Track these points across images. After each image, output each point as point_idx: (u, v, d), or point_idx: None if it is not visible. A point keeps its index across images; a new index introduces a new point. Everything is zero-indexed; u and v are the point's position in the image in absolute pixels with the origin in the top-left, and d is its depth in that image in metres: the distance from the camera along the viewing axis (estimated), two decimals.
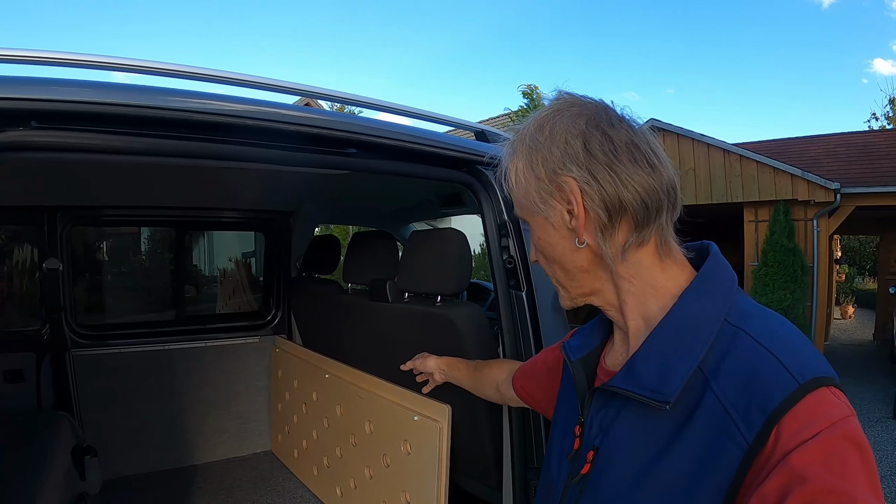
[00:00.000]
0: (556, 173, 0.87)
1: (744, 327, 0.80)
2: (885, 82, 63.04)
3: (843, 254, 20.20)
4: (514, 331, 1.86)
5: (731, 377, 0.77)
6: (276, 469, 3.51)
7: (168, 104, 1.28)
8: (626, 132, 0.86)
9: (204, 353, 3.62)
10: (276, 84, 1.54)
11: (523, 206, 0.95)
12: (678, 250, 0.92)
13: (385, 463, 2.32)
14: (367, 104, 1.78)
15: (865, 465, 0.68)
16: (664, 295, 0.89)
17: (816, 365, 0.76)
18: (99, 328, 3.46)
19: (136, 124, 1.28)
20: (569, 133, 0.86)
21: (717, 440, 0.75)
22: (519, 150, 0.92)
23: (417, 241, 2.23)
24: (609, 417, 0.91)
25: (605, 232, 0.86)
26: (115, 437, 3.25)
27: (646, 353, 0.85)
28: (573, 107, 0.90)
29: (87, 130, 1.24)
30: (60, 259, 3.14)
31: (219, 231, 4.39)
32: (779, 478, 0.68)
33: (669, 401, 0.79)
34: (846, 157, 11.49)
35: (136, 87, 1.29)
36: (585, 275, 0.93)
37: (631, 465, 0.84)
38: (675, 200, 0.89)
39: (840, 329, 15.10)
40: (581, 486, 0.92)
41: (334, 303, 2.92)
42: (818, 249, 9.87)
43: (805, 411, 0.70)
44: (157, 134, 1.31)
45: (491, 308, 3.61)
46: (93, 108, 1.20)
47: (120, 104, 1.22)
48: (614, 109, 0.90)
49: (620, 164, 0.84)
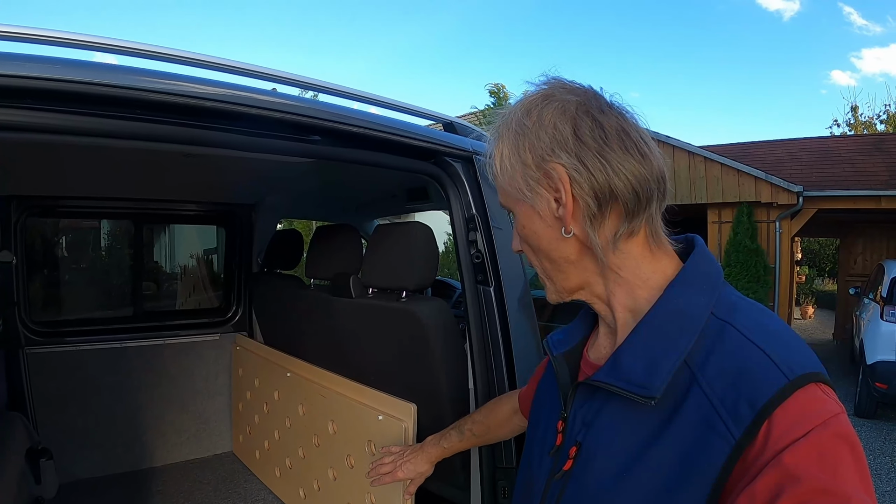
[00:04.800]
0: (544, 160, 0.84)
1: (731, 321, 0.79)
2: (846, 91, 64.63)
3: (804, 256, 20.60)
4: (481, 327, 1.82)
5: (718, 372, 0.76)
6: (237, 471, 3.46)
7: (119, 82, 1.21)
8: (617, 119, 0.84)
9: (163, 351, 3.55)
10: (240, 67, 1.47)
11: (508, 193, 0.92)
12: (667, 241, 0.91)
13: (349, 464, 2.28)
14: (336, 91, 1.72)
15: (858, 463, 0.68)
16: (651, 286, 0.87)
17: (805, 360, 0.75)
18: (54, 325, 3.36)
19: (84, 103, 1.21)
20: (558, 118, 0.84)
21: (704, 435, 0.74)
22: (505, 135, 0.89)
23: (382, 235, 2.18)
24: (592, 412, 0.89)
25: (595, 221, 0.84)
26: (71, 438, 3.17)
27: (631, 347, 0.84)
28: (563, 92, 0.87)
29: (31, 108, 1.16)
30: (14, 252, 3.03)
31: (179, 225, 4.30)
32: (770, 477, 0.67)
33: (655, 396, 0.77)
34: (808, 161, 11.74)
35: (84, 63, 1.21)
36: (573, 266, 0.90)
37: (615, 460, 0.83)
38: (665, 190, 0.87)
39: (800, 328, 15.34)
40: (563, 482, 0.91)
41: (296, 298, 2.87)
42: (780, 251, 10.08)
43: (796, 408, 0.70)
44: (105, 114, 1.24)
45: (456, 306, 3.59)
46: (38, 84, 1.13)
47: (66, 80, 1.15)
48: (604, 96, 0.88)
49: (611, 151, 0.82)
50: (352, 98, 1.74)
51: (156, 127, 1.31)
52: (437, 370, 2.02)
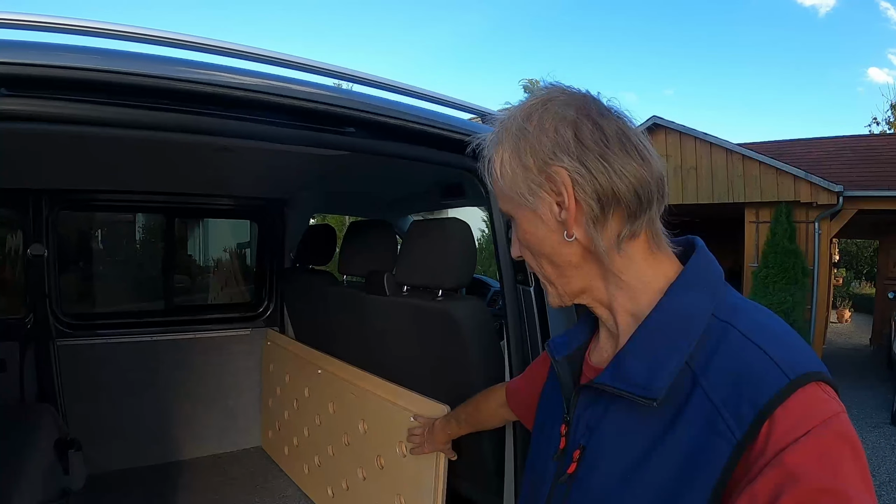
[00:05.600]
0: (546, 163, 0.84)
1: (732, 322, 0.80)
2: (885, 88, 63.24)
3: (841, 257, 20.19)
4: (520, 328, 1.77)
5: (720, 373, 0.76)
6: (265, 466, 3.46)
7: (149, 71, 1.17)
8: (616, 122, 0.85)
9: (193, 345, 3.55)
10: (275, 57, 1.42)
11: (508, 198, 0.92)
12: (667, 244, 0.91)
13: (379, 464, 2.24)
14: (370, 82, 1.66)
15: (858, 462, 0.69)
16: (652, 290, 0.88)
17: (806, 360, 0.75)
18: (85, 318, 3.39)
19: (115, 93, 1.17)
20: (559, 122, 0.84)
21: (706, 436, 0.74)
22: (505, 140, 0.89)
23: (418, 232, 2.13)
24: (596, 415, 0.90)
25: (597, 224, 0.84)
26: (100, 430, 3.17)
27: (633, 349, 0.85)
28: (562, 96, 0.88)
29: (63, 99, 1.13)
30: (46, 245, 3.06)
31: (211, 219, 4.31)
32: (772, 476, 0.67)
33: (657, 398, 0.78)
34: (848, 161, 11.46)
35: (116, 53, 1.18)
36: (575, 270, 0.91)
37: (619, 463, 0.84)
38: (664, 192, 0.88)
39: (837, 333, 15.07)
40: (568, 485, 0.92)
41: (328, 295, 2.83)
42: (819, 252, 9.83)
43: (797, 407, 0.70)
44: (137, 104, 1.20)
45: (491, 304, 3.53)
46: (69, 74, 1.09)
47: (99, 70, 1.12)
48: (601, 100, 0.89)
49: (612, 153, 0.82)
50: (386, 88, 1.68)
51: (185, 118, 1.27)
52: (473, 371, 1.98)
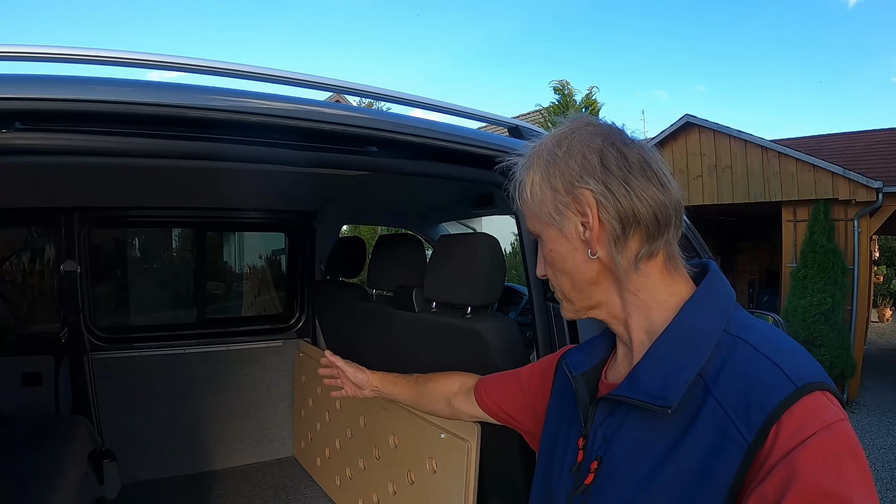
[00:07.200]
0: (574, 185, 0.91)
1: (743, 336, 0.85)
2: None
3: (881, 254, 19.70)
4: (550, 346, 1.75)
5: (730, 382, 0.81)
6: (297, 476, 3.47)
7: (163, 101, 1.16)
8: (638, 151, 0.92)
9: (225, 357, 3.58)
10: (298, 79, 1.41)
11: (537, 217, 0.99)
12: (683, 266, 0.97)
13: (410, 479, 2.23)
14: (396, 99, 1.64)
15: (860, 467, 0.72)
16: (667, 308, 0.93)
17: (813, 371, 0.80)
18: (118, 331, 3.44)
19: (132, 123, 1.16)
20: (586, 149, 0.91)
21: (719, 443, 0.78)
22: (536, 164, 0.97)
23: (446, 247, 2.10)
24: (613, 428, 0.94)
25: (618, 243, 0.91)
26: (133, 441, 3.22)
27: (648, 364, 0.90)
28: (589, 126, 0.95)
29: (79, 131, 1.12)
30: (78, 261, 3.11)
31: (240, 232, 4.35)
32: (778, 477, 0.71)
33: (671, 405, 0.83)
34: (887, 155, 11.13)
35: (131, 83, 1.16)
36: (593, 287, 0.97)
37: (635, 472, 0.87)
38: (681, 218, 0.94)
39: (877, 332, 14.67)
40: (585, 497, 0.95)
41: (357, 309, 2.81)
42: (859, 250, 9.58)
43: (802, 412, 0.74)
44: (155, 134, 1.19)
45: (523, 313, 3.49)
46: (84, 107, 1.09)
47: (114, 101, 1.11)
48: (625, 131, 0.96)
49: (634, 179, 0.89)
50: (407, 104, 1.66)
51: (201, 145, 1.26)
52: None
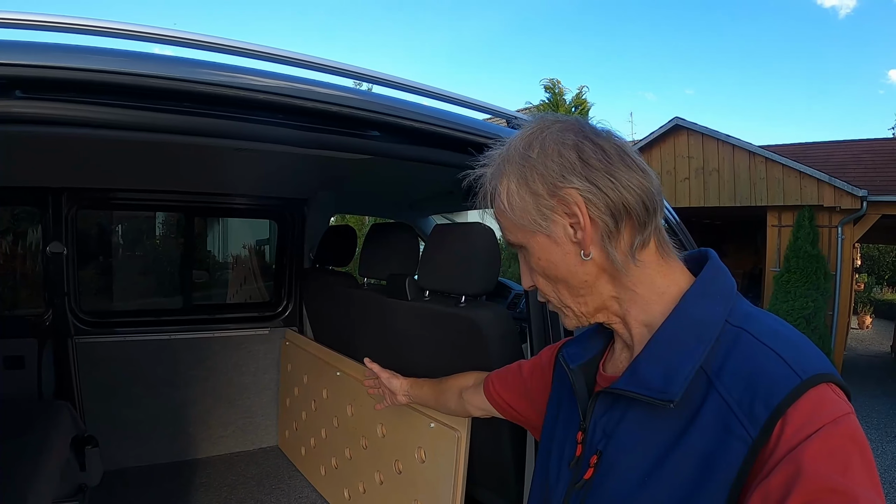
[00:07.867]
0: (557, 186, 0.86)
1: (745, 327, 0.82)
2: None
3: (863, 262, 19.93)
4: (544, 336, 1.74)
5: (734, 375, 0.78)
6: (281, 466, 3.45)
7: (167, 73, 1.15)
8: (611, 141, 0.88)
9: (211, 344, 3.55)
10: (295, 58, 1.38)
11: (520, 226, 0.93)
12: (675, 253, 0.94)
13: (397, 469, 2.23)
14: (392, 83, 1.62)
15: (866, 463, 0.70)
16: (666, 299, 0.90)
17: (818, 362, 0.77)
18: (103, 315, 3.39)
19: (134, 96, 1.15)
20: (561, 146, 0.87)
21: (722, 437, 0.76)
22: (508, 170, 0.91)
23: (441, 236, 2.10)
24: (613, 421, 0.92)
25: (612, 238, 0.87)
26: (116, 427, 3.19)
27: (649, 356, 0.87)
28: (556, 123, 0.91)
29: (80, 102, 1.10)
30: (65, 243, 3.07)
31: (230, 218, 4.30)
32: (783, 473, 0.69)
33: (674, 399, 0.80)
34: (872, 164, 11.26)
35: (135, 54, 1.15)
36: (590, 290, 0.93)
37: (636, 467, 0.85)
38: (662, 202, 0.91)
39: (857, 339, 14.84)
40: (584, 491, 0.93)
41: (348, 297, 2.80)
42: (841, 257, 9.69)
43: (808, 406, 0.72)
44: (156, 107, 1.17)
45: (511, 306, 3.48)
46: (86, 77, 1.07)
47: (116, 72, 1.09)
48: (592, 123, 0.92)
49: (617, 169, 0.86)
50: (409, 91, 1.64)
51: (203, 121, 1.24)
52: None
